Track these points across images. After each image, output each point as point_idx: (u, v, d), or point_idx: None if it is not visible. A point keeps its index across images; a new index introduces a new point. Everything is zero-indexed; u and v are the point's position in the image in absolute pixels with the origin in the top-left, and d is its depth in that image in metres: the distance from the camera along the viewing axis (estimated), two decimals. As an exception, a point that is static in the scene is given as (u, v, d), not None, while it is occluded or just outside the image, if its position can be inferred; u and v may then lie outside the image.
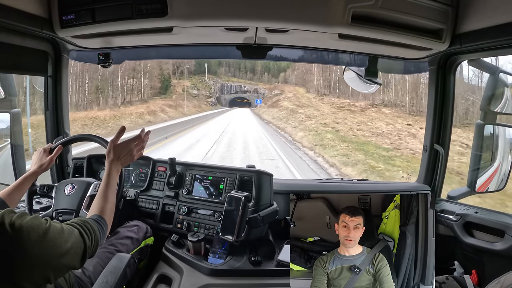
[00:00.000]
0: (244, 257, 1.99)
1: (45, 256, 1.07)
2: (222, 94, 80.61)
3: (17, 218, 1.04)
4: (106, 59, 2.38)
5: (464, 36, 1.87)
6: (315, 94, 50.41)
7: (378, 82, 2.39)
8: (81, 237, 1.24)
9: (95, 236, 1.32)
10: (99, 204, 1.54)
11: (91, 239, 1.29)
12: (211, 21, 1.79)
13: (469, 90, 23.02)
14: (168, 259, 2.07)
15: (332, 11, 1.71)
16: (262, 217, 2.04)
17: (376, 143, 24.35)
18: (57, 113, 2.50)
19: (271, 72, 79.08)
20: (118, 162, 1.71)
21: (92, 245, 1.30)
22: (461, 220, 2.11)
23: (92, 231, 1.32)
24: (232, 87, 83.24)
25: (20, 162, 2.41)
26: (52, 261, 1.09)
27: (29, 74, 2.45)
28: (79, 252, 1.21)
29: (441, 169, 2.34)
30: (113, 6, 1.77)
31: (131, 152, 1.78)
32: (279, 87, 70.43)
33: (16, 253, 1.00)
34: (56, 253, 1.11)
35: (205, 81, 76.79)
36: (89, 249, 1.27)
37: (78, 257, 1.21)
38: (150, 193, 2.44)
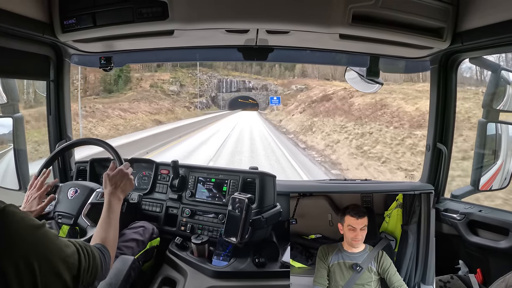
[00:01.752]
0: (248, 259, 1.99)
1: (32, 242, 1.05)
2: (220, 92, 64.33)
3: (13, 207, 1.05)
4: (108, 63, 2.38)
5: (465, 34, 1.87)
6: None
7: (379, 82, 2.39)
8: (78, 254, 1.22)
9: (94, 262, 1.29)
10: (102, 234, 1.51)
11: (87, 262, 1.25)
12: (212, 23, 1.80)
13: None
14: (172, 261, 2.07)
15: (332, 12, 1.71)
16: (265, 218, 2.04)
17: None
18: (60, 117, 2.51)
19: (283, 64, 56.91)
20: (117, 190, 1.72)
21: (89, 269, 1.26)
22: (465, 219, 2.11)
23: (92, 257, 1.29)
24: (232, 83, 64.91)
25: (23, 167, 2.41)
26: (38, 251, 1.06)
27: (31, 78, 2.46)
28: (72, 268, 1.18)
29: (444, 168, 2.33)
30: (114, 10, 1.77)
31: (127, 176, 1.80)
32: (295, 81, 57.13)
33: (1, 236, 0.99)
34: (44, 247, 1.09)
35: (195, 75, 60.40)
36: (85, 272, 1.23)
37: (71, 273, 1.17)
38: (153, 196, 2.44)
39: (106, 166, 2.53)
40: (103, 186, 1.74)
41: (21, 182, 2.38)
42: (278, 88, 61.14)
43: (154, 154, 16.60)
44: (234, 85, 65.69)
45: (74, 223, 1.85)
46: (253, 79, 65.87)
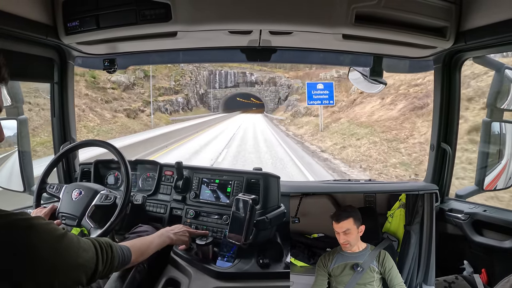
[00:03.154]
0: (252, 260, 1.98)
1: (54, 261, 1.04)
2: (211, 88, 48.54)
3: (32, 218, 1.03)
4: (112, 65, 2.40)
5: (468, 33, 1.86)
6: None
7: (383, 82, 2.39)
8: (96, 258, 1.23)
9: (111, 263, 1.31)
10: (137, 246, 1.59)
11: (104, 263, 1.27)
12: (215, 25, 1.80)
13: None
14: (176, 262, 2.07)
15: (335, 12, 1.71)
16: (270, 219, 2.04)
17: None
18: (64, 119, 2.52)
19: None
20: (171, 233, 1.90)
21: (105, 269, 1.28)
22: (469, 219, 2.10)
23: (111, 258, 1.30)
24: (229, 76, 49.04)
25: (27, 169, 2.42)
26: (60, 269, 1.06)
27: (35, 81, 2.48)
28: (88, 272, 1.19)
29: (449, 168, 2.33)
30: (117, 12, 1.77)
31: (185, 232, 2.00)
32: (314, 73, 42.70)
33: (22, 250, 0.97)
34: (66, 263, 1.09)
35: (179, 64, 36.40)
36: (100, 273, 1.25)
37: (87, 276, 1.19)
38: (157, 197, 2.44)
39: (110, 167, 2.54)
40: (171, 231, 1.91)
41: (25, 184, 2.40)
42: (291, 82, 45.83)
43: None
44: (231, 78, 49.65)
45: (78, 225, 1.85)
46: (256, 72, 49.94)
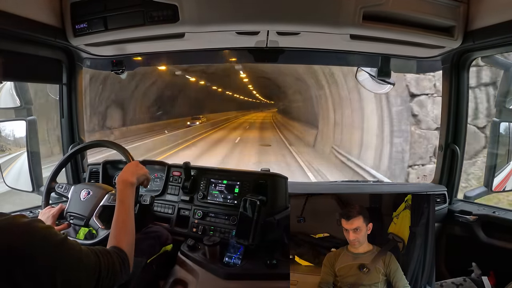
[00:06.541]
0: (259, 261, 1.98)
1: (53, 261, 1.05)
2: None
3: (33, 220, 1.04)
4: (120, 66, 2.41)
5: (476, 33, 1.85)
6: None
7: (391, 82, 2.38)
8: (98, 265, 1.21)
9: (113, 269, 1.28)
10: (118, 236, 1.45)
11: (107, 269, 1.25)
12: (222, 25, 1.80)
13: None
14: (184, 263, 2.07)
15: (343, 12, 1.70)
16: (277, 220, 2.04)
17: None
18: (72, 120, 2.54)
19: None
20: (129, 175, 1.65)
21: (108, 275, 1.25)
22: (478, 220, 2.09)
23: (111, 264, 1.28)
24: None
25: (36, 169, 2.45)
26: (60, 270, 1.06)
27: (44, 82, 2.49)
28: (92, 278, 1.18)
29: (457, 169, 2.31)
30: (125, 13, 1.79)
31: (141, 166, 1.74)
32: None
33: (22, 251, 0.97)
34: (68, 264, 1.09)
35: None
36: (104, 279, 1.23)
37: (90, 284, 1.18)
38: (165, 197, 2.45)
39: (118, 168, 2.55)
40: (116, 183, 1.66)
41: (34, 184, 2.42)
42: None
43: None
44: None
45: (86, 225, 1.86)
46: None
